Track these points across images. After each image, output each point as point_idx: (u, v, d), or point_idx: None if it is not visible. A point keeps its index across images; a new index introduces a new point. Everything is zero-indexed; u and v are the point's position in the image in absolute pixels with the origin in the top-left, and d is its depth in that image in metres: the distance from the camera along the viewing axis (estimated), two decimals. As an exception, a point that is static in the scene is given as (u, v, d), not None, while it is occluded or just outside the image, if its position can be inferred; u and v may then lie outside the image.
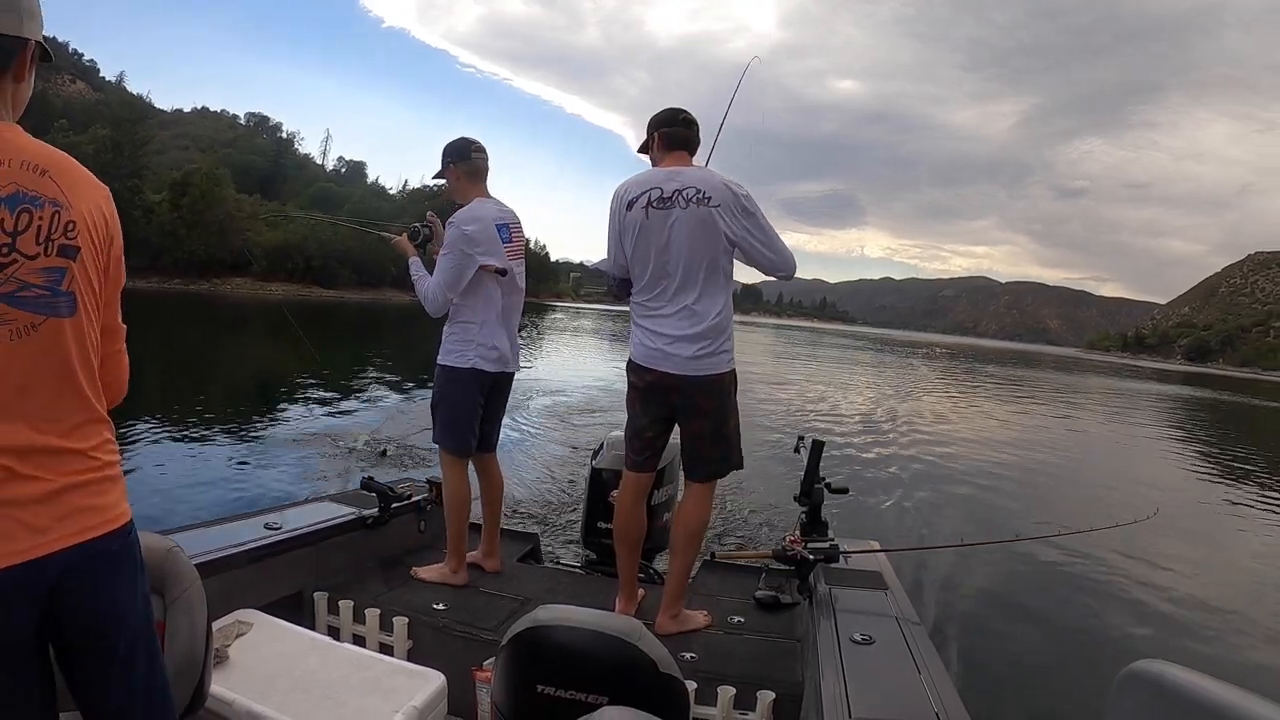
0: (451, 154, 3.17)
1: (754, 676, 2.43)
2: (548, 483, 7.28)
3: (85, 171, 1.29)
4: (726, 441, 2.76)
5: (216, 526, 2.74)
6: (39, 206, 1.17)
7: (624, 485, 2.92)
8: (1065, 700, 3.89)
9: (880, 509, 7.49)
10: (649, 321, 2.72)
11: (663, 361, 2.67)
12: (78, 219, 1.22)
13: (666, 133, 2.76)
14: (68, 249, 1.21)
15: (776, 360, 32.64)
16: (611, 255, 2.83)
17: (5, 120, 1.23)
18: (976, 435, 13.98)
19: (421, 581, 3.10)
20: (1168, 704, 0.95)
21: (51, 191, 1.19)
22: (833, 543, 2.91)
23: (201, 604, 1.62)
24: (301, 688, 1.96)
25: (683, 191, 2.61)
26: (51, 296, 1.19)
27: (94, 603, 1.23)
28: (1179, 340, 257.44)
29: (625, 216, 2.71)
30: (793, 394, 18.86)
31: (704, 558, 3.40)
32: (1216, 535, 8.30)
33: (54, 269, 1.19)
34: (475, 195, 3.15)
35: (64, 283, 1.20)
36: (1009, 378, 39.42)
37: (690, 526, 2.80)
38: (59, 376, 1.21)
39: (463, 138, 3.20)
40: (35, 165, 1.18)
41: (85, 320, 1.24)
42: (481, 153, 3.18)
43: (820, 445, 3.21)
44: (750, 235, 2.65)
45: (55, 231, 1.19)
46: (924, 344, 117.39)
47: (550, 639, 1.43)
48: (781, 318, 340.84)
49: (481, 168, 3.19)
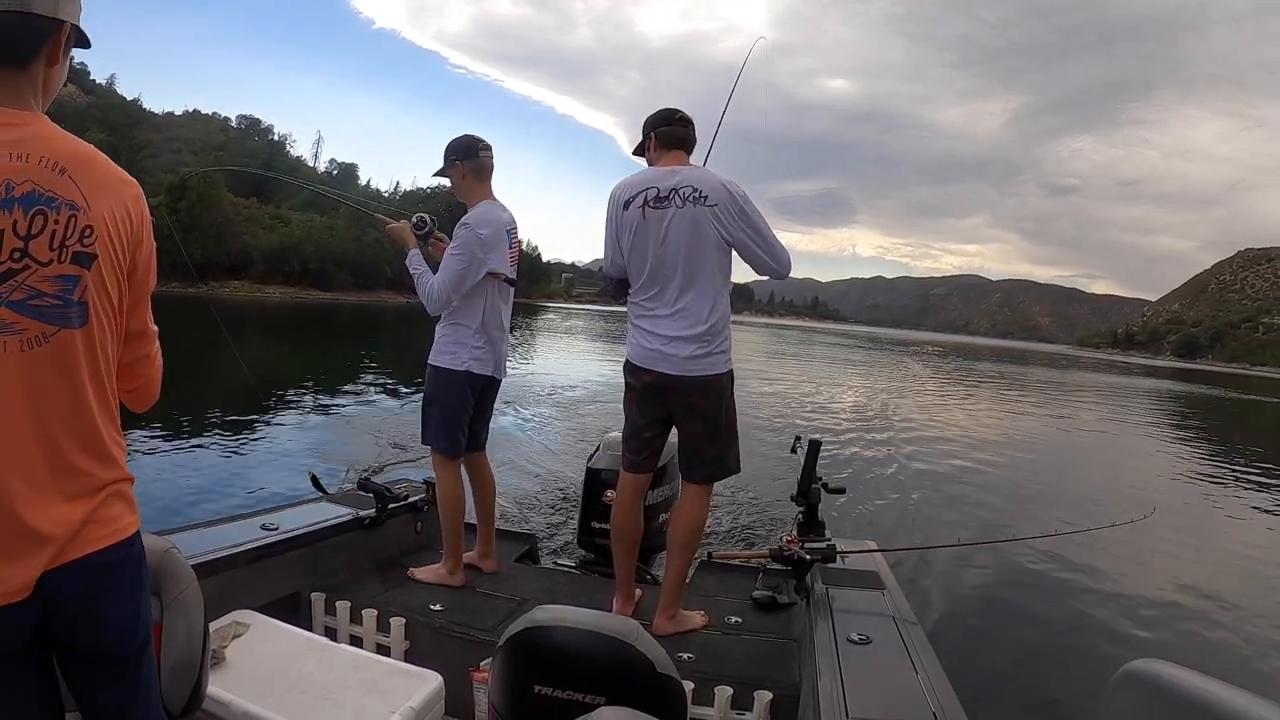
0: (458, 151, 3.10)
1: (751, 677, 2.43)
2: (544, 483, 7.28)
3: (112, 168, 1.22)
4: (723, 443, 2.75)
5: (213, 527, 2.74)
6: (55, 209, 1.11)
7: (621, 486, 2.91)
8: (1061, 699, 3.90)
9: (877, 509, 7.50)
10: (646, 322, 2.71)
11: (660, 362, 2.66)
12: (96, 223, 1.15)
13: (663, 132, 2.75)
14: (82, 256, 1.14)
15: (769, 360, 32.64)
16: (609, 255, 2.82)
17: (33, 110, 1.17)
18: (972, 435, 14.00)
19: (418, 583, 3.10)
20: (1164, 703, 0.96)
21: (69, 192, 1.13)
22: (830, 543, 2.91)
23: (199, 605, 1.62)
24: (299, 689, 1.96)
25: (679, 190, 2.61)
26: (63, 306, 1.13)
27: (94, 611, 1.20)
28: (1168, 337, 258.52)
29: (622, 216, 2.70)
30: (787, 393, 18.87)
31: (701, 558, 3.40)
32: (1212, 534, 8.31)
33: (66, 277, 1.13)
34: (482, 196, 3.11)
35: (76, 292, 1.14)
36: (1001, 375, 39.59)
37: (687, 528, 2.79)
38: (69, 390, 1.16)
39: (469, 135, 3.13)
40: (55, 163, 1.12)
41: (99, 331, 1.18)
42: (488, 151, 3.13)
43: (817, 445, 3.20)
44: (747, 235, 2.64)
45: (70, 236, 1.13)
46: (915, 342, 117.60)
47: (547, 639, 1.43)
48: (773, 317, 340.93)
49: (488, 166, 3.14)
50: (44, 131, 1.14)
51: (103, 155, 1.21)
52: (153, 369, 1.38)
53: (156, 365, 1.39)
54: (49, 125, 1.17)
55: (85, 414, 1.19)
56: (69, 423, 1.17)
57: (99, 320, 1.18)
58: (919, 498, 8.30)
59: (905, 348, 77.42)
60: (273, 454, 8.14)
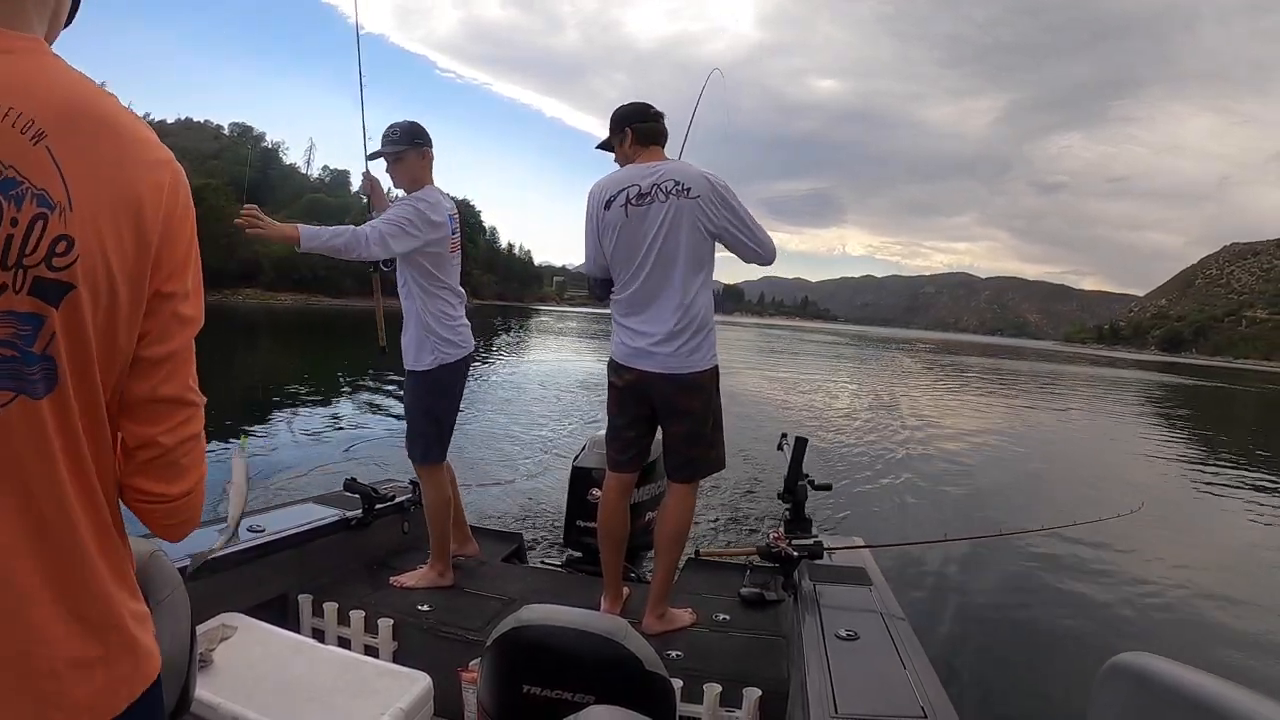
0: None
1: (740, 673, 2.44)
2: (532, 482, 7.25)
3: (129, 135, 0.77)
4: (707, 442, 2.75)
5: (199, 529, 2.72)
6: (11, 198, 0.69)
7: (607, 485, 2.92)
8: (1050, 693, 3.92)
9: (864, 505, 7.52)
10: (630, 320, 2.71)
11: (644, 360, 2.66)
12: (79, 232, 0.71)
13: (640, 128, 2.72)
14: (46, 287, 0.70)
15: (759, 359, 32.73)
16: (590, 256, 2.82)
17: (31, 31, 0.77)
18: (958, 430, 14.05)
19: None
20: (1151, 695, 0.96)
21: (41, 174, 0.70)
22: (817, 539, 2.93)
23: (185, 608, 1.60)
24: (287, 691, 1.95)
25: (661, 185, 2.60)
26: (17, 361, 0.70)
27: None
28: (1153, 331, 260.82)
29: (604, 216, 2.69)
30: (775, 391, 18.90)
31: (689, 556, 3.41)
32: (1200, 527, 8.38)
33: (21, 316, 0.70)
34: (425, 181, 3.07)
35: (37, 340, 0.71)
36: (988, 369, 39.83)
37: (674, 527, 2.79)
38: (39, 486, 0.73)
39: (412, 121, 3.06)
40: (29, 121, 0.70)
41: (75, 401, 0.75)
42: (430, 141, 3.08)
43: (803, 442, 3.21)
44: (731, 225, 2.64)
45: (32, 249, 0.69)
46: (903, 340, 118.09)
47: (536, 639, 1.43)
48: (764, 317, 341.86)
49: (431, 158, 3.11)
50: (29, 67, 0.73)
51: (121, 112, 0.78)
52: (178, 467, 0.86)
53: (191, 459, 0.88)
54: (48, 57, 0.76)
55: (66, 522, 0.75)
56: (42, 535, 0.74)
57: (75, 385, 0.75)
58: (906, 494, 8.33)
59: (892, 345, 77.83)
60: (258, 455, 8.10)
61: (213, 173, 72.28)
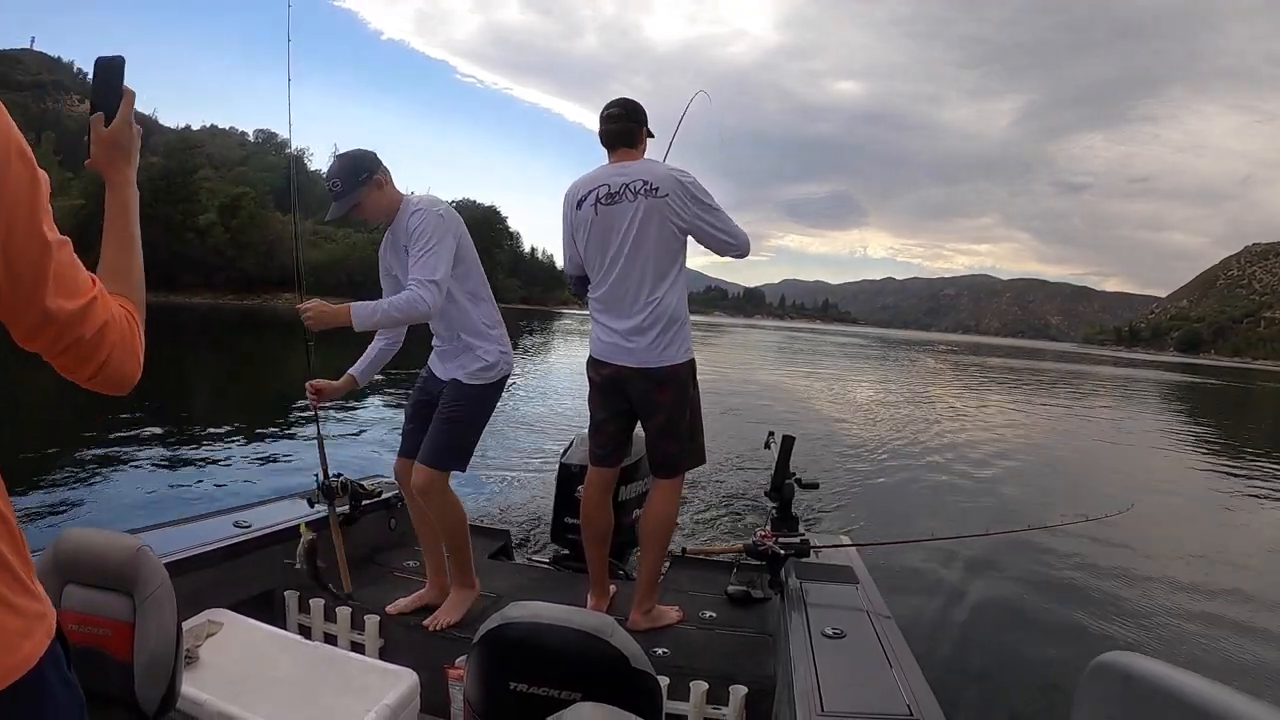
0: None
1: (726, 671, 2.45)
2: (519, 479, 7.26)
3: None
4: (684, 436, 2.76)
5: (185, 525, 2.71)
6: None
7: (588, 480, 2.93)
8: (1035, 692, 3.94)
9: (851, 504, 7.54)
10: (605, 316, 2.75)
11: (620, 355, 2.70)
12: None
13: (600, 132, 2.78)
14: None
15: (761, 359, 32.83)
16: (567, 255, 2.87)
17: None
18: (950, 429, 14.08)
19: (394, 582, 3.08)
20: (1136, 695, 0.97)
21: None
22: (804, 538, 2.93)
23: (171, 604, 1.60)
24: (273, 687, 1.95)
25: (630, 185, 2.64)
26: None
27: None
28: (1171, 333, 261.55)
29: (575, 215, 2.75)
30: (765, 390, 18.95)
31: (675, 553, 3.42)
32: (1188, 527, 8.39)
33: None
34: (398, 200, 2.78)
35: None
36: (998, 370, 39.96)
37: (657, 522, 2.81)
38: None
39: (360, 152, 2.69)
40: None
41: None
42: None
43: (791, 440, 3.22)
44: (700, 219, 2.67)
45: None
46: (923, 343, 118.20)
47: (522, 635, 1.43)
48: (784, 320, 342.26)
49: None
50: None
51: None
52: (105, 342, 0.89)
53: (111, 338, 0.89)
54: None
55: None
56: None
57: None
58: (893, 492, 8.37)
59: (911, 346, 78.02)
60: (246, 451, 8.07)
61: (243, 180, 73.07)
